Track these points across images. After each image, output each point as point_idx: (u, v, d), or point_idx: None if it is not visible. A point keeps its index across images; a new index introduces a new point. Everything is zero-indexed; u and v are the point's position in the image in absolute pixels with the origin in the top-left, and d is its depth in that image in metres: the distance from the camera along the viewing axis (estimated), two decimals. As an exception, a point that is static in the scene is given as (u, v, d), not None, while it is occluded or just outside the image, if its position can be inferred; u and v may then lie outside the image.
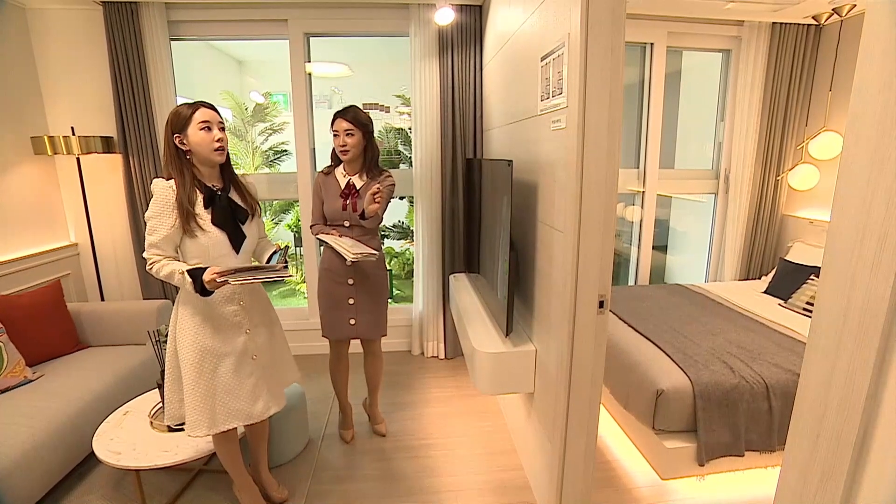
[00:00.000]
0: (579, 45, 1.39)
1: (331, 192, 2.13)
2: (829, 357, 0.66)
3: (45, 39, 2.86)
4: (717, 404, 2.00)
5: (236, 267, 1.51)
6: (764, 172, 3.41)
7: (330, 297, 2.19)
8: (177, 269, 1.48)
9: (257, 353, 1.69)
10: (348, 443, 2.37)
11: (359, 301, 2.18)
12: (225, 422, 1.62)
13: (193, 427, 1.58)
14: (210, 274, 1.44)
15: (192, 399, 1.57)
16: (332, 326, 2.22)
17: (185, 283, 1.47)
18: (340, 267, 2.13)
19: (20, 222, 2.75)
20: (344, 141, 2.04)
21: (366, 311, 2.21)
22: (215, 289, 1.48)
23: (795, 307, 2.86)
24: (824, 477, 0.67)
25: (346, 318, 2.19)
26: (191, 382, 1.56)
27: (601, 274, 1.54)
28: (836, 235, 0.65)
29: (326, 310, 2.21)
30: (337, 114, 2.06)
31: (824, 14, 3.02)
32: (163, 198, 1.49)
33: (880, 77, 0.58)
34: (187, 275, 1.46)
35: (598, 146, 1.46)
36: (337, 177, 2.14)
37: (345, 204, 2.10)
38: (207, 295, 1.49)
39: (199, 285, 1.45)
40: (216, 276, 1.44)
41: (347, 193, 2.11)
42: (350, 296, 2.17)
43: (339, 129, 2.04)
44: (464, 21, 2.94)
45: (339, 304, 2.18)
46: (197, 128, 1.50)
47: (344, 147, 2.04)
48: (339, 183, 2.13)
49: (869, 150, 0.60)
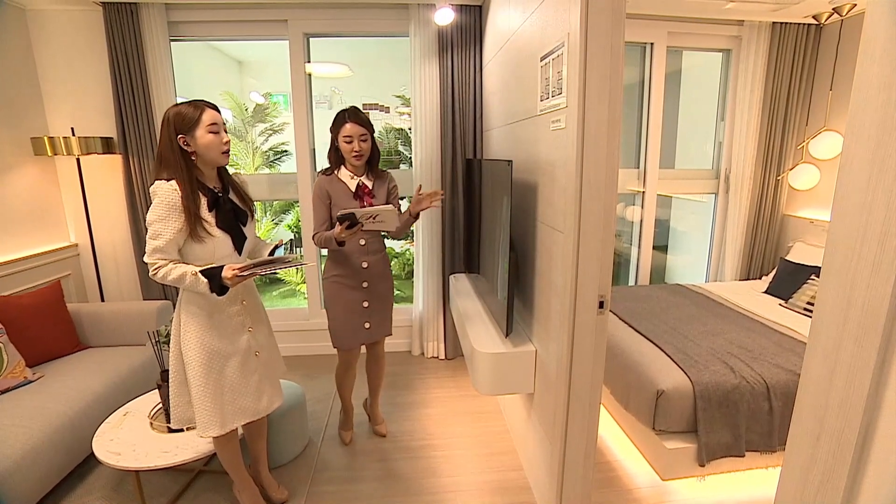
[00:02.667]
0: (579, 44, 1.39)
1: (341, 194, 2.04)
2: (830, 357, 0.66)
3: (45, 40, 2.86)
4: (718, 405, 2.00)
5: (254, 262, 1.49)
6: (764, 172, 3.41)
7: (344, 305, 2.11)
8: (188, 270, 1.45)
9: (259, 350, 1.71)
10: (347, 444, 2.36)
11: (373, 303, 2.14)
12: (234, 420, 1.63)
13: (205, 428, 1.58)
14: (230, 270, 1.44)
15: (202, 400, 1.57)
16: (349, 335, 2.14)
17: (199, 284, 1.44)
18: (353, 271, 2.08)
19: (20, 223, 2.75)
20: (359, 146, 1.98)
21: (379, 311, 2.18)
22: (235, 286, 1.47)
23: (796, 307, 2.85)
24: (825, 478, 0.67)
25: (361, 323, 2.14)
26: (199, 384, 1.56)
27: (601, 274, 1.54)
28: (836, 235, 0.65)
29: (342, 319, 2.12)
30: (347, 118, 1.98)
31: (824, 13, 3.02)
32: (168, 200, 1.43)
33: (880, 76, 0.58)
34: (201, 275, 1.44)
35: (598, 146, 1.45)
36: (343, 179, 2.06)
37: (362, 205, 2.03)
38: (223, 294, 1.48)
39: (216, 284, 1.44)
40: (237, 272, 1.43)
41: (361, 195, 2.06)
42: (365, 299, 2.12)
43: (354, 134, 1.97)
44: (463, 21, 2.93)
45: (354, 309, 2.11)
46: (206, 130, 1.48)
47: (359, 152, 1.99)
48: (348, 185, 2.05)
49: (869, 150, 0.59)
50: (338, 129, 2.00)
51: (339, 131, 1.99)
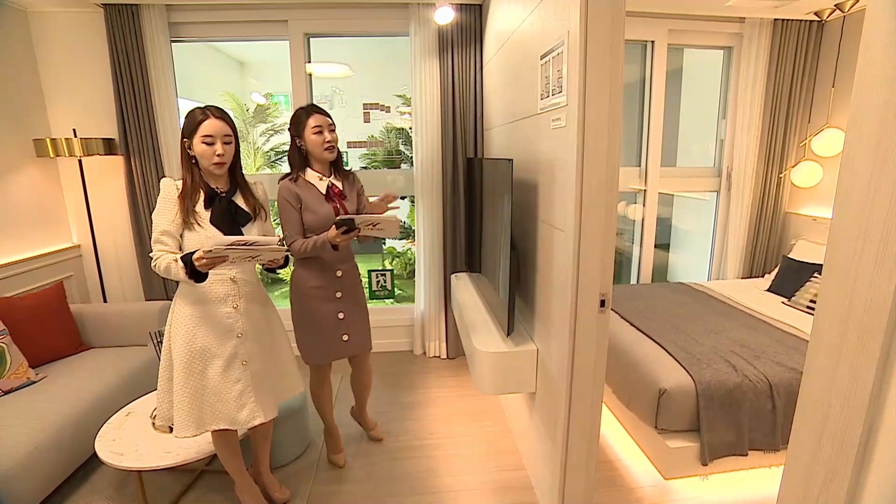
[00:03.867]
0: (579, 43, 1.38)
1: (313, 199, 1.90)
2: (833, 356, 0.66)
3: (47, 42, 2.87)
4: (720, 403, 1.99)
5: (225, 242, 1.40)
6: (766, 170, 3.40)
7: (317, 318, 1.97)
8: (171, 257, 1.49)
9: (248, 359, 1.65)
10: (341, 467, 2.20)
11: (348, 314, 2.02)
12: (211, 422, 1.62)
13: (181, 428, 1.58)
14: (199, 252, 1.40)
15: (181, 399, 1.57)
16: (324, 350, 2.02)
17: (179, 270, 1.46)
18: (327, 281, 1.96)
19: (23, 224, 2.76)
20: (331, 136, 1.88)
21: (356, 323, 2.06)
22: (207, 268, 1.43)
23: (799, 305, 2.84)
24: (828, 477, 0.67)
25: (338, 335, 2.01)
26: (180, 382, 1.57)
27: (602, 273, 1.54)
28: (838, 233, 0.65)
29: (315, 333, 1.99)
30: (311, 109, 1.88)
31: (826, 10, 3.01)
32: (166, 194, 1.55)
33: (882, 73, 0.58)
34: (180, 260, 1.46)
35: (598, 144, 1.45)
36: (312, 181, 1.92)
37: (336, 208, 1.92)
38: (202, 280, 1.48)
39: (189, 268, 1.44)
40: (203, 253, 1.39)
41: (333, 196, 1.94)
42: (339, 310, 2.00)
43: (324, 124, 1.86)
44: (464, 20, 2.93)
45: (328, 322, 1.98)
46: (199, 140, 1.52)
47: (332, 143, 1.88)
48: (318, 187, 1.92)
49: (871, 147, 0.59)
50: (302, 124, 1.87)
51: (306, 125, 1.86)
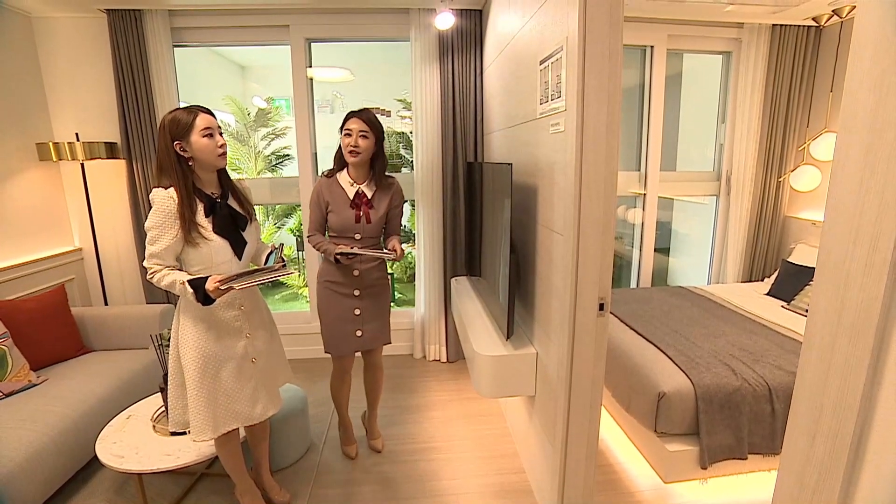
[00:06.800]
0: (577, 48, 1.40)
1: (338, 201, 1.99)
2: (825, 358, 0.66)
3: (50, 47, 2.89)
4: (720, 407, 1.99)
5: (237, 273, 1.51)
6: (766, 174, 3.41)
7: (334, 311, 2.07)
8: (178, 279, 1.48)
9: (256, 357, 1.70)
10: (353, 458, 2.28)
11: (365, 311, 2.09)
12: (226, 423, 1.63)
13: (198, 432, 1.59)
14: (212, 283, 1.45)
15: (196, 404, 1.57)
16: (339, 341, 2.09)
17: (187, 294, 1.46)
18: (345, 278, 2.04)
19: (25, 227, 2.77)
20: (356, 142, 1.91)
21: (372, 320, 2.12)
22: (218, 297, 1.48)
23: (798, 309, 2.85)
24: (821, 478, 0.67)
25: (352, 330, 2.08)
26: (194, 388, 1.57)
27: (601, 276, 1.55)
28: (829, 237, 0.66)
29: (331, 324, 2.08)
30: (351, 113, 1.94)
31: (824, 15, 3.03)
32: (164, 208, 1.47)
33: (871, 77, 0.59)
34: (188, 285, 1.46)
35: (597, 149, 1.46)
36: (342, 185, 2.00)
37: (357, 215, 1.97)
38: (210, 304, 1.49)
39: (200, 295, 1.45)
40: (219, 285, 1.44)
41: (359, 204, 1.99)
42: (356, 306, 2.07)
43: (353, 128, 1.91)
44: (464, 25, 2.95)
45: (344, 316, 2.06)
46: (199, 135, 1.50)
47: (355, 148, 1.91)
48: (346, 192, 1.99)
49: (861, 151, 0.60)
50: (342, 124, 1.96)
51: (343, 126, 1.95)
